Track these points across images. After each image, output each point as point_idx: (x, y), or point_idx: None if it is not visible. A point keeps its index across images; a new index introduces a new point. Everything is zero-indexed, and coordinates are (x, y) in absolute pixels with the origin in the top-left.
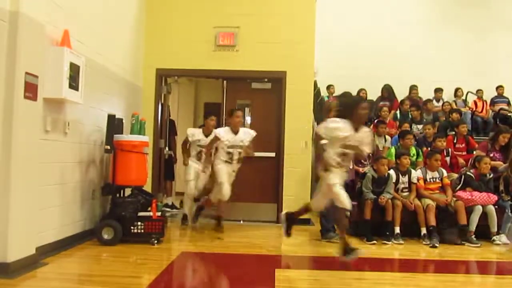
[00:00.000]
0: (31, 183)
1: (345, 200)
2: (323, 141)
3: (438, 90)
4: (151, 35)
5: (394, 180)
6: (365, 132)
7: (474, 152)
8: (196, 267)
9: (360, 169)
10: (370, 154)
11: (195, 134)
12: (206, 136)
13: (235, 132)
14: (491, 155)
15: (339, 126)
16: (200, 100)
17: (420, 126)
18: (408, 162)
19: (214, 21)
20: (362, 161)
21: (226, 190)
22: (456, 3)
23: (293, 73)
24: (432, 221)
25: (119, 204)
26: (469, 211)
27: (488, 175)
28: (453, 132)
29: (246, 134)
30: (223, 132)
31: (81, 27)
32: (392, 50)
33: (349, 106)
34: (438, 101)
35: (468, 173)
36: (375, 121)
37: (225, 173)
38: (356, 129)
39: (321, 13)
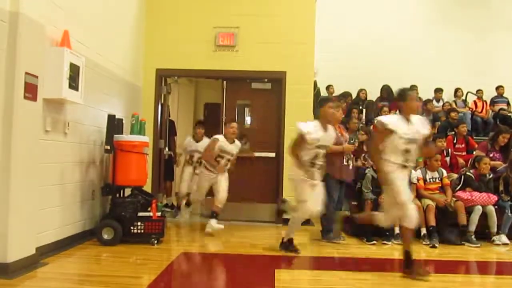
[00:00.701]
0: (31, 183)
1: (415, 220)
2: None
3: (438, 90)
4: (151, 35)
5: None
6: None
7: (474, 152)
8: (196, 268)
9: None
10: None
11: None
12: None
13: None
14: (491, 155)
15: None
16: (200, 101)
17: None
18: None
19: (214, 21)
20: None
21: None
22: (456, 3)
23: (293, 73)
24: (432, 221)
25: (119, 204)
26: (469, 211)
27: (488, 175)
28: (453, 132)
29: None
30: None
31: (81, 27)
32: (392, 50)
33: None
34: (438, 101)
35: (468, 173)
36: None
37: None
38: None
39: (321, 13)
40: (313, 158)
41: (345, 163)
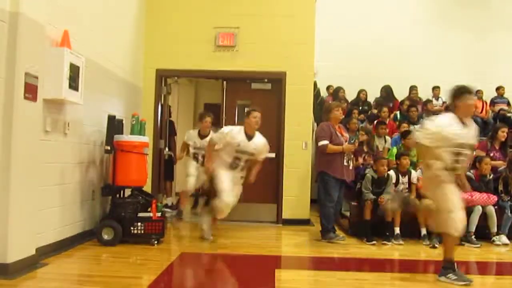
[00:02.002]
0: (31, 183)
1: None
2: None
3: (436, 88)
4: (151, 35)
5: (394, 181)
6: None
7: (474, 153)
8: (196, 268)
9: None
10: (369, 155)
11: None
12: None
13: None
14: (491, 154)
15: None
16: (200, 101)
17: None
18: (408, 162)
19: (214, 21)
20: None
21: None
22: (456, 3)
23: (293, 73)
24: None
25: (119, 205)
26: (469, 211)
27: (488, 175)
28: None
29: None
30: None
31: (81, 27)
32: (392, 50)
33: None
34: (437, 99)
35: (468, 173)
36: (375, 122)
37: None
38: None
39: (321, 13)
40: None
41: (345, 163)
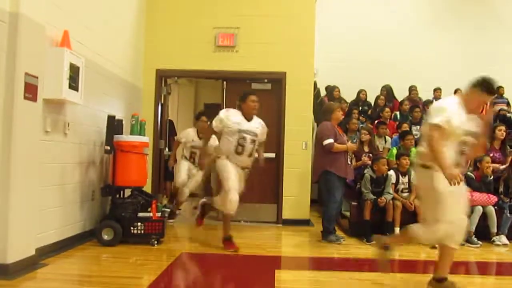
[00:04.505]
0: (31, 183)
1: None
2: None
3: (437, 89)
4: (151, 35)
5: (394, 181)
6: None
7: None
8: (196, 268)
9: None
10: (369, 154)
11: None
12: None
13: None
14: (491, 154)
15: None
16: (200, 101)
17: (418, 127)
18: (408, 163)
19: (214, 22)
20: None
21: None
22: (456, 3)
23: (293, 73)
24: None
25: (119, 205)
26: (469, 211)
27: (489, 176)
28: None
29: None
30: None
31: (81, 27)
32: (392, 50)
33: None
34: (437, 100)
35: (468, 173)
36: (376, 122)
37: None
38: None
39: (321, 13)
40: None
41: (348, 162)
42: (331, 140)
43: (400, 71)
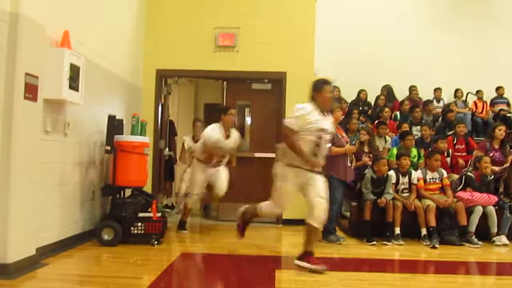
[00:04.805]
0: (31, 183)
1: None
2: None
3: (437, 89)
4: (151, 35)
5: (394, 181)
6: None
7: (473, 153)
8: (196, 268)
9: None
10: (370, 155)
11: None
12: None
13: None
14: (491, 154)
15: None
16: (200, 101)
17: (419, 127)
18: (408, 163)
19: (214, 22)
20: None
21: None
22: (456, 3)
23: (293, 73)
24: (432, 222)
25: (119, 205)
26: (469, 211)
27: (489, 176)
28: (451, 132)
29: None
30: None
31: (81, 28)
32: (392, 50)
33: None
34: (438, 101)
35: (468, 173)
36: (376, 122)
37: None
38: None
39: (321, 13)
40: None
41: (348, 164)
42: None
43: (400, 71)
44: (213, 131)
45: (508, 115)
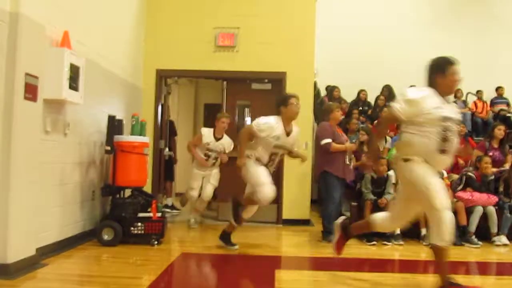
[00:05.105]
0: (31, 183)
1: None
2: None
3: None
4: (151, 35)
5: (394, 181)
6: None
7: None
8: (196, 268)
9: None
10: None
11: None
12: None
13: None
14: (490, 154)
15: None
16: (200, 101)
17: None
18: None
19: (214, 22)
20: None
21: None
22: (456, 3)
23: (293, 73)
24: None
25: (119, 205)
26: (469, 211)
27: (489, 176)
28: None
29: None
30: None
31: (81, 28)
32: (392, 50)
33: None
34: None
35: (468, 173)
36: (376, 122)
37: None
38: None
39: (321, 13)
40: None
41: (347, 162)
42: (328, 140)
43: (400, 71)
44: (270, 123)
45: (508, 115)
